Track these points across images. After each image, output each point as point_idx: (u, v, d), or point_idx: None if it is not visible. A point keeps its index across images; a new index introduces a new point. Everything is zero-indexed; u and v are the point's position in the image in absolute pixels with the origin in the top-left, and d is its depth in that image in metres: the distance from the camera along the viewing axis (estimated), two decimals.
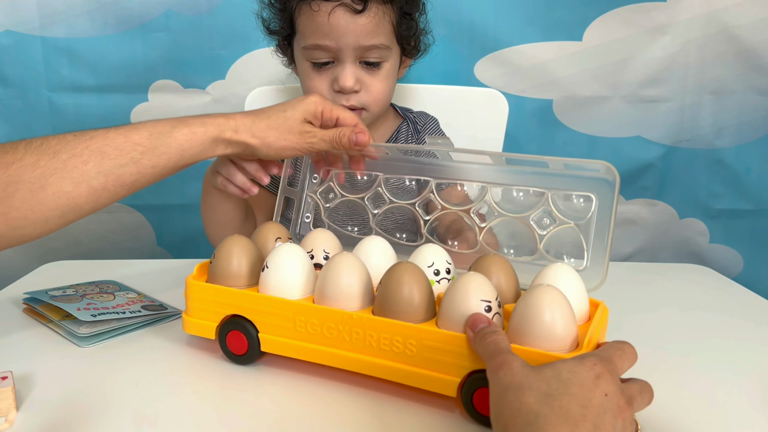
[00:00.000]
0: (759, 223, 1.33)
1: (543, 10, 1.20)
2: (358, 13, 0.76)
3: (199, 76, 1.22)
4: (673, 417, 0.48)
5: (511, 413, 0.36)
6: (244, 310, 0.55)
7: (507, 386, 0.38)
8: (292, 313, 0.53)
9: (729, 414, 0.51)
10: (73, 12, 1.17)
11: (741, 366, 0.59)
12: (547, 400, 0.36)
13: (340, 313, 0.51)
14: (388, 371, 0.50)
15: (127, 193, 0.61)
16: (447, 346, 0.47)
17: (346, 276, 0.53)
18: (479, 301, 0.47)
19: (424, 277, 0.52)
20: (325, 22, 0.76)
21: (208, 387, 0.54)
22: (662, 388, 0.43)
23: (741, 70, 1.22)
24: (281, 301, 0.54)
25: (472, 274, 0.49)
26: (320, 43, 0.78)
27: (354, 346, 0.51)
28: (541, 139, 1.28)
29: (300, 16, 0.80)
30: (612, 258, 0.59)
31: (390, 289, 0.51)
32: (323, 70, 0.81)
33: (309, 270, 0.56)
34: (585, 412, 0.35)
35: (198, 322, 0.58)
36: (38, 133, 1.22)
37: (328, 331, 0.52)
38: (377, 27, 0.78)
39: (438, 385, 0.48)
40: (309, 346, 0.53)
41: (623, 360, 0.41)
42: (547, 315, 0.45)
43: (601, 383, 0.37)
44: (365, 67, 0.81)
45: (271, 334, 0.55)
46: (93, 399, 0.51)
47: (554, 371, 0.38)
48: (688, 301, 0.78)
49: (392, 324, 0.49)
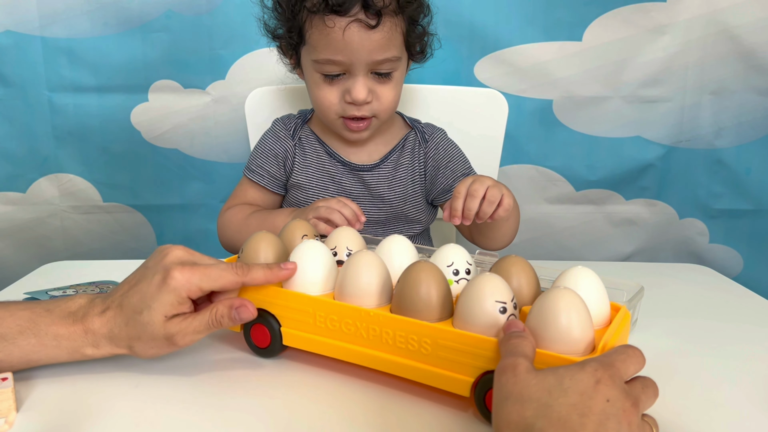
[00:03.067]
0: (759, 223, 1.33)
1: (543, 10, 1.20)
2: (371, 29, 0.76)
3: (199, 76, 1.22)
4: (673, 417, 0.48)
5: (508, 424, 0.36)
6: (268, 304, 0.56)
7: (507, 395, 0.38)
8: (313, 309, 0.54)
9: (729, 414, 0.51)
10: (73, 12, 1.17)
11: (741, 366, 0.59)
12: (545, 412, 0.35)
13: (358, 310, 0.52)
14: (402, 369, 0.51)
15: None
16: (461, 346, 0.47)
17: (366, 274, 0.53)
18: (494, 302, 0.47)
19: (442, 277, 0.52)
20: (339, 38, 0.76)
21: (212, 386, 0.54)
22: (662, 389, 0.43)
23: (741, 70, 1.22)
24: (302, 297, 0.54)
25: (489, 275, 0.49)
26: (333, 59, 0.78)
27: (371, 342, 0.52)
28: (541, 139, 1.29)
29: (311, 29, 0.78)
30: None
31: (407, 287, 0.51)
32: (335, 81, 0.81)
33: (331, 267, 0.57)
34: (585, 420, 0.34)
35: None
36: (38, 133, 1.24)
37: (347, 327, 0.52)
38: (389, 41, 0.78)
39: (451, 384, 0.48)
40: (328, 341, 0.54)
41: (627, 364, 0.40)
42: (564, 318, 0.45)
43: (601, 389, 0.36)
44: (376, 77, 0.81)
45: (293, 328, 0.55)
46: (93, 400, 0.51)
47: (557, 379, 0.37)
48: (687, 301, 0.78)
49: (408, 322, 0.50)
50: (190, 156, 1.29)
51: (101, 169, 1.29)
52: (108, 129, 1.25)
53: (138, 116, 1.24)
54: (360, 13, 0.75)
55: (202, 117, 1.25)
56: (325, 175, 0.91)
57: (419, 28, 0.84)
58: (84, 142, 1.26)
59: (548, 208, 1.34)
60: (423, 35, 0.85)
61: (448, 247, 0.59)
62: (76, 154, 1.27)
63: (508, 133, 1.07)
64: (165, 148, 1.28)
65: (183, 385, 0.54)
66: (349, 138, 0.89)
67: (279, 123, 0.95)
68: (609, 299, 0.53)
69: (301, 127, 0.94)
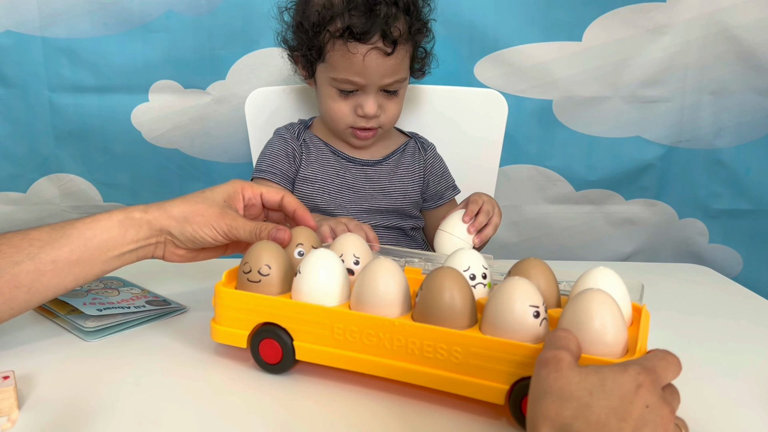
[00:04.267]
0: (758, 223, 1.33)
1: (543, 10, 1.20)
2: (387, 56, 0.85)
3: (199, 76, 1.22)
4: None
5: (545, 419, 0.35)
6: (278, 317, 0.54)
7: (547, 389, 0.37)
8: (330, 321, 0.52)
9: (729, 414, 0.51)
10: (73, 12, 1.17)
11: (741, 366, 0.59)
12: (584, 413, 0.35)
13: (382, 320, 0.50)
14: (431, 379, 0.49)
15: (28, 296, 0.54)
16: (495, 353, 0.46)
17: (384, 282, 0.51)
18: (527, 306, 0.46)
19: (466, 283, 0.50)
20: (359, 62, 0.85)
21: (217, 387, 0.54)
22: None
23: (741, 70, 1.23)
24: (319, 308, 0.52)
25: (517, 279, 0.48)
26: (352, 79, 0.87)
27: (395, 353, 0.50)
28: (540, 139, 1.29)
29: (333, 50, 0.86)
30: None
31: (431, 294, 0.49)
32: (348, 96, 0.89)
33: (344, 276, 0.55)
34: (623, 425, 0.34)
35: (228, 330, 0.56)
36: (38, 133, 1.24)
37: (368, 339, 0.51)
38: (400, 65, 0.88)
39: (485, 392, 0.47)
40: (348, 353, 0.52)
41: (667, 371, 0.39)
42: (597, 320, 0.44)
43: (642, 394, 0.36)
44: (385, 94, 0.90)
45: (307, 342, 0.53)
46: (96, 398, 0.51)
47: (600, 379, 0.36)
48: (687, 301, 0.78)
49: (436, 331, 0.48)
50: (191, 156, 1.29)
51: (101, 169, 1.29)
52: (108, 129, 1.25)
53: (138, 116, 1.24)
54: (379, 41, 0.84)
55: (203, 117, 1.25)
56: (330, 169, 0.95)
57: (422, 51, 0.94)
58: (84, 142, 1.26)
59: (548, 208, 1.34)
60: (425, 57, 0.95)
61: (463, 252, 0.58)
62: (77, 154, 1.27)
63: (508, 133, 1.07)
64: (165, 148, 1.28)
65: (183, 384, 0.54)
66: (355, 144, 0.96)
67: (282, 129, 0.99)
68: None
69: (304, 131, 0.98)
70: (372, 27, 0.83)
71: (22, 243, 0.52)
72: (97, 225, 0.56)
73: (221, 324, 0.57)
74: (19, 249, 0.52)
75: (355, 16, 0.83)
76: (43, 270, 0.53)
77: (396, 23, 0.85)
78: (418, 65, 0.95)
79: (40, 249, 0.53)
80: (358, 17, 0.83)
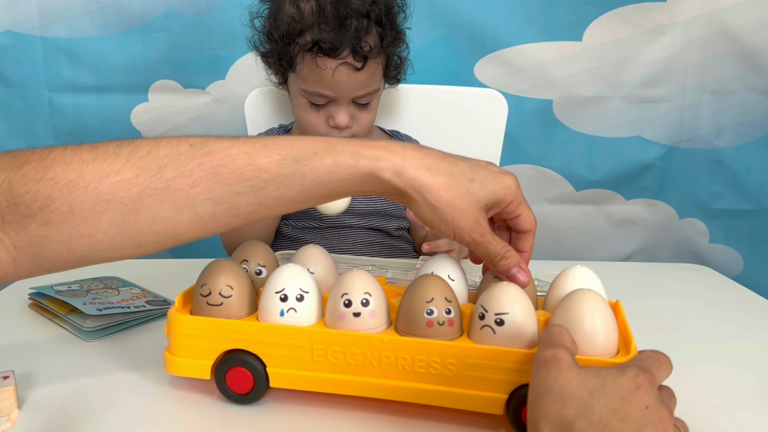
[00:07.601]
0: (759, 223, 1.33)
1: (543, 10, 1.20)
2: (357, 71, 0.83)
3: (199, 76, 1.22)
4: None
5: (547, 420, 0.36)
6: (247, 343, 0.49)
7: (548, 390, 0.37)
8: (309, 342, 0.48)
9: (729, 414, 0.51)
10: (73, 12, 1.17)
11: (741, 366, 0.59)
12: (586, 413, 0.35)
13: (369, 338, 0.47)
14: (426, 395, 0.47)
15: (242, 222, 0.49)
16: (492, 362, 0.45)
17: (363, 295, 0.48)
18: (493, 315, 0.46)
19: (451, 291, 0.49)
20: (329, 77, 0.83)
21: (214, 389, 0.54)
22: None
23: (741, 70, 1.23)
24: (295, 330, 0.48)
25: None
26: (322, 92, 0.85)
27: (384, 371, 0.47)
28: (540, 139, 1.29)
29: (302, 63, 0.84)
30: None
31: (415, 305, 0.47)
32: (320, 108, 0.88)
33: (317, 291, 0.51)
34: (624, 426, 0.34)
35: (187, 361, 0.51)
36: (38, 133, 1.24)
37: (353, 358, 0.47)
38: (372, 77, 0.86)
39: (483, 404, 0.46)
40: (331, 376, 0.48)
41: (661, 371, 0.40)
42: (588, 320, 0.44)
43: (641, 395, 0.36)
44: (357, 105, 0.88)
45: (283, 367, 0.49)
46: (96, 398, 0.51)
47: (599, 381, 0.37)
48: (688, 301, 0.78)
49: (429, 344, 0.46)
50: None
51: None
52: (108, 129, 1.25)
53: (138, 116, 1.24)
54: (349, 56, 0.82)
55: (202, 117, 1.25)
56: None
57: (396, 59, 0.92)
58: (84, 141, 1.25)
59: (548, 208, 1.34)
60: (401, 64, 0.93)
61: (438, 259, 0.56)
62: None
63: (508, 133, 1.07)
64: None
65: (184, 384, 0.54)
66: None
67: (263, 135, 0.97)
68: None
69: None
70: (342, 42, 0.80)
71: (247, 170, 0.47)
72: (338, 171, 0.48)
73: (177, 355, 0.51)
74: (242, 177, 0.47)
75: (324, 30, 0.81)
76: (265, 204, 0.48)
77: (367, 37, 0.83)
78: (394, 71, 0.93)
79: (266, 183, 0.47)
80: (328, 32, 0.80)
